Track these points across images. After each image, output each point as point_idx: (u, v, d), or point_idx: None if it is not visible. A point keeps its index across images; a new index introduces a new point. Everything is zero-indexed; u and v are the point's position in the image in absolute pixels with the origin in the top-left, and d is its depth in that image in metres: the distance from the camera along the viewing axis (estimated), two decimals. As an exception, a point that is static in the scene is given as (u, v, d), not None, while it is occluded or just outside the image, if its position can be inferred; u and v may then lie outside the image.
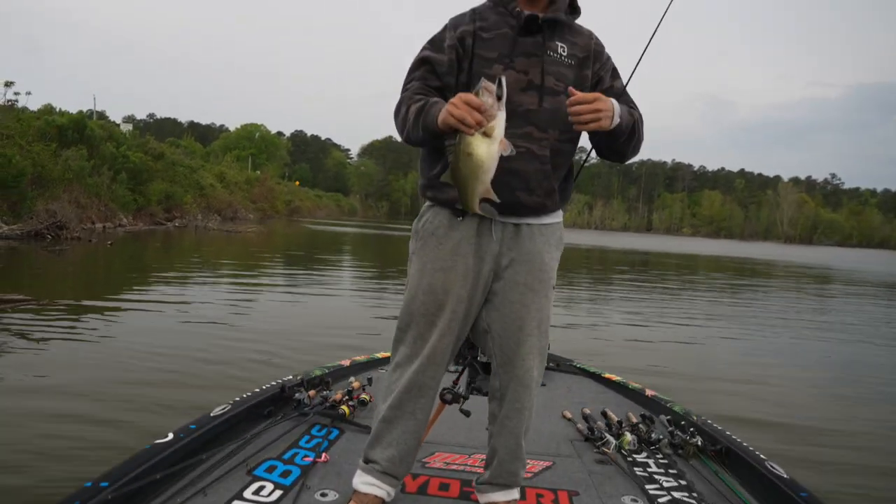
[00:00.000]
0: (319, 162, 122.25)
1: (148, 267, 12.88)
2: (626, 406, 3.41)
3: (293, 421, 2.75)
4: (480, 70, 1.84)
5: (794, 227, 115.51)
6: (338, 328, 7.49)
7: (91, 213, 20.20)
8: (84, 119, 23.48)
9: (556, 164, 1.93)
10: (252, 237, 24.33)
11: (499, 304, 1.95)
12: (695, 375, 6.23)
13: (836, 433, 4.76)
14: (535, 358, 1.97)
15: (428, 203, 2.01)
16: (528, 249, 1.94)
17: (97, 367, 5.04)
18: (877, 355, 8.29)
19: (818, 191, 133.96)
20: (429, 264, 1.93)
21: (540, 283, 1.95)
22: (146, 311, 7.79)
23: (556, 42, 1.90)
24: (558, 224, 2.03)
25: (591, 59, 1.96)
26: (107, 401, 4.24)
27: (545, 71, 1.86)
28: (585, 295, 12.70)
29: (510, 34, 1.88)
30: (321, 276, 13.33)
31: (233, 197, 42.46)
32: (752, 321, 10.35)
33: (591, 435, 2.85)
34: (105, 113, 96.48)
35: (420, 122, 1.77)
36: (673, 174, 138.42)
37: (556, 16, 1.89)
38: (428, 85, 1.89)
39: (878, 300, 16.78)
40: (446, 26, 1.94)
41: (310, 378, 3.21)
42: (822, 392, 6.14)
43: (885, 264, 40.74)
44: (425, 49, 1.94)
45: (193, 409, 4.00)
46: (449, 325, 1.92)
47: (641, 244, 47.37)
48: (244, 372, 5.15)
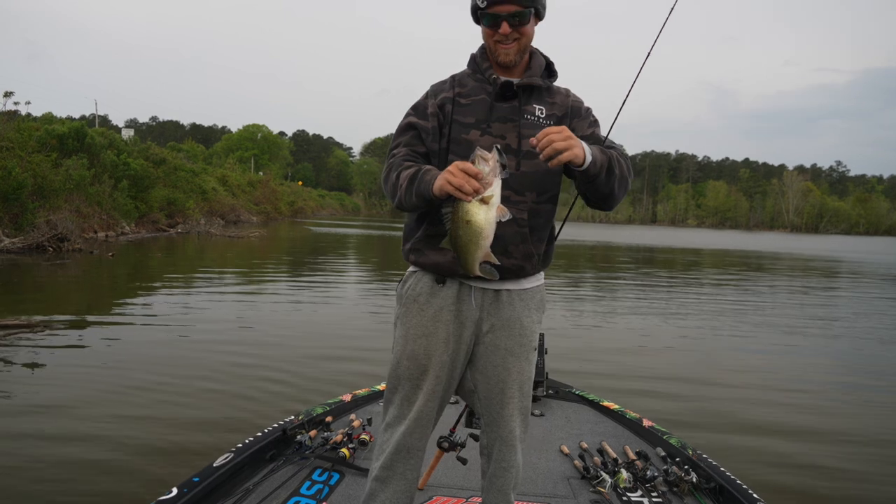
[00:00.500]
0: (322, 161, 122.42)
1: (149, 279, 12.82)
2: (623, 438, 3.44)
3: (295, 466, 2.81)
4: (458, 136, 1.92)
5: (800, 216, 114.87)
6: (343, 338, 7.45)
7: (93, 222, 20.18)
8: (84, 127, 23.43)
9: (534, 227, 1.97)
10: (255, 242, 24.28)
11: (482, 367, 2.02)
12: (700, 379, 6.15)
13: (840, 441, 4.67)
14: (517, 418, 2.04)
15: (411, 268, 2.07)
16: (507, 315, 1.99)
17: (95, 401, 4.95)
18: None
19: (824, 179, 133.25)
20: (412, 330, 1.99)
21: (520, 346, 2.01)
22: (148, 327, 7.73)
23: (534, 105, 1.97)
24: (539, 287, 2.08)
25: (570, 115, 2.01)
26: (106, 442, 4.14)
27: (521, 135, 1.91)
28: (590, 296, 12.59)
29: (487, 100, 1.94)
30: (325, 283, 13.24)
31: (235, 200, 42.46)
32: (763, 326, 10.21)
33: (586, 473, 2.89)
34: (108, 117, 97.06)
35: (414, 189, 1.79)
36: (677, 165, 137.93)
37: (532, 81, 1.95)
38: (415, 151, 1.95)
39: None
40: (428, 93, 2.02)
41: (311, 418, 3.27)
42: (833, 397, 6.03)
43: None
44: (410, 115, 2.00)
45: (197, 448, 4.04)
46: (434, 389, 1.99)
47: (646, 238, 47.22)
48: (249, 399, 5.09)
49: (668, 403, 5.60)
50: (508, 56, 1.92)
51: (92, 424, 4.42)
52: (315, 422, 3.26)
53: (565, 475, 2.95)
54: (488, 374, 2.00)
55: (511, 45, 1.91)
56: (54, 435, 4.20)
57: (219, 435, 4.27)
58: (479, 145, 1.82)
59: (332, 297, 11.27)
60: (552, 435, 3.43)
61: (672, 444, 3.22)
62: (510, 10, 1.85)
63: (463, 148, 1.90)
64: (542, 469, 2.99)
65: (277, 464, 2.82)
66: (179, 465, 3.72)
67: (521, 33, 1.90)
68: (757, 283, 17.67)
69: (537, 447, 3.24)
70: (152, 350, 6.60)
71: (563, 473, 2.97)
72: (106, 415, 4.63)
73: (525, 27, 1.89)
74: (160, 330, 7.63)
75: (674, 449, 3.17)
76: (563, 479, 2.90)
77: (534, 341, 2.05)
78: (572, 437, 3.40)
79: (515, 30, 1.88)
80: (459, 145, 1.92)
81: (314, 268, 16.54)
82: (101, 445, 4.07)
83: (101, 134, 25.79)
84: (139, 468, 3.74)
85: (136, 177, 24.33)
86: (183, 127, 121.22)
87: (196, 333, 7.48)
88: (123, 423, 4.47)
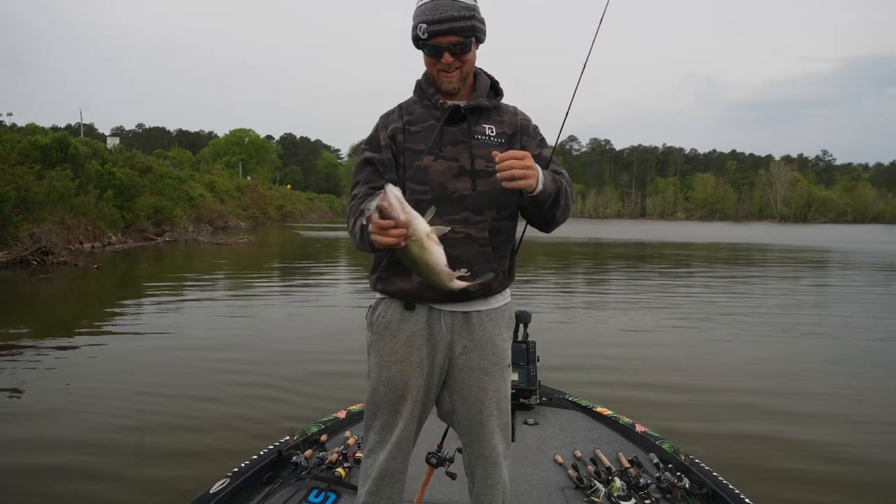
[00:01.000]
0: (310, 164, 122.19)
1: (136, 291, 12.68)
2: (616, 444, 3.48)
3: (292, 487, 2.84)
4: (412, 163, 1.95)
5: (788, 206, 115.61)
6: (335, 349, 7.38)
7: (78, 233, 19.98)
8: (67, 138, 23.22)
9: (496, 244, 1.99)
10: (243, 249, 24.12)
11: (458, 388, 2.04)
12: (693, 379, 6.12)
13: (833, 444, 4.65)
14: (497, 435, 2.06)
15: (379, 296, 2.08)
16: (479, 336, 2.01)
17: (80, 421, 4.85)
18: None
19: (810, 168, 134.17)
20: (386, 357, 2.02)
21: (494, 365, 2.03)
22: (135, 342, 7.65)
23: (483, 125, 1.99)
24: (507, 305, 2.11)
25: (519, 133, 2.04)
26: (93, 467, 4.04)
27: (474, 155, 1.94)
28: (581, 295, 12.57)
29: (436, 125, 1.96)
30: (316, 291, 13.15)
31: (223, 206, 42.24)
32: (753, 320, 10.21)
33: (580, 483, 2.93)
34: (93, 125, 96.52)
35: (366, 240, 1.82)
36: (665, 158, 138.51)
37: (479, 102, 1.98)
38: (373, 188, 1.95)
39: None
40: (378, 126, 2.04)
41: (306, 437, 3.29)
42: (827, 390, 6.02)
43: (886, 242, 40.50)
44: (365, 150, 2.03)
45: (191, 471, 3.99)
46: (412, 413, 2.02)
47: (636, 233, 47.32)
48: (242, 416, 5.01)
49: (661, 403, 5.57)
50: (451, 84, 1.96)
51: (77, 447, 4.32)
52: (310, 441, 3.28)
53: (559, 485, 2.98)
54: (465, 394, 2.03)
55: (453, 73, 1.94)
56: (36, 458, 4.10)
57: (213, 455, 4.21)
58: (433, 170, 1.92)
59: (322, 305, 11.20)
60: (546, 444, 3.46)
61: (665, 450, 3.25)
62: (451, 40, 1.88)
63: (418, 175, 1.94)
64: (536, 480, 3.03)
65: (274, 486, 2.84)
66: (174, 489, 3.66)
67: (462, 61, 1.93)
68: (749, 277, 17.72)
69: (532, 457, 3.27)
70: (140, 366, 6.51)
71: (558, 484, 3.00)
72: (92, 436, 4.53)
73: (467, 55, 1.93)
74: (148, 344, 7.55)
75: (666, 454, 3.21)
76: (558, 490, 2.94)
77: (507, 359, 2.08)
78: (566, 446, 3.43)
79: (457, 59, 1.92)
80: (415, 172, 1.95)
81: (304, 274, 16.44)
82: (88, 471, 3.97)
83: (85, 143, 25.57)
84: (130, 495, 3.67)
85: (121, 186, 24.13)
86: (169, 133, 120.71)
87: (185, 347, 7.39)
88: (112, 445, 4.38)
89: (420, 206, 1.74)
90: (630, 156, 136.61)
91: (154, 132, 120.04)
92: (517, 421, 3.67)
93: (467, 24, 1.87)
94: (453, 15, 1.85)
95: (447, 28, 1.85)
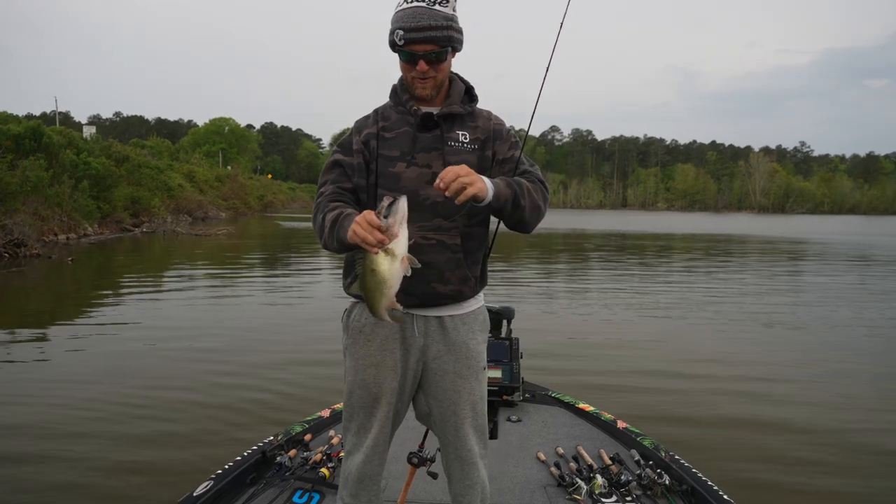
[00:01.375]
0: (291, 153, 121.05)
1: (111, 285, 12.44)
2: (598, 441, 3.52)
3: (276, 488, 2.85)
4: (385, 169, 1.96)
5: (767, 196, 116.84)
6: (317, 343, 7.27)
7: (52, 225, 19.59)
8: (41, 127, 22.71)
9: (468, 250, 2.01)
10: (223, 240, 23.81)
11: (433, 392, 2.07)
12: (672, 371, 6.10)
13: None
14: (473, 437, 2.09)
15: (354, 299, 2.10)
16: (452, 340, 2.03)
17: (57, 421, 4.69)
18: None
19: (789, 159, 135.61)
20: (361, 360, 2.04)
21: (468, 368, 2.05)
22: (111, 338, 7.48)
23: (457, 132, 2.00)
24: (480, 308, 2.13)
25: (492, 138, 2.04)
26: (71, 469, 3.91)
27: (446, 162, 1.93)
28: (563, 287, 12.54)
29: (410, 132, 1.97)
30: (298, 285, 12.99)
31: (203, 196, 41.71)
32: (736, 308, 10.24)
33: (562, 481, 2.98)
34: (70, 114, 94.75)
35: (335, 234, 1.83)
36: (646, 149, 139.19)
37: (452, 110, 1.99)
38: (341, 188, 1.99)
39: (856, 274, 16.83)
40: (352, 130, 2.05)
41: (290, 437, 3.31)
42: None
43: (863, 234, 41.03)
44: (336, 152, 2.04)
45: (175, 469, 3.94)
46: (387, 416, 2.06)
47: (617, 224, 47.53)
48: (221, 417, 4.89)
49: (641, 396, 5.58)
50: (425, 91, 1.96)
51: (54, 449, 4.18)
52: (294, 441, 3.29)
53: (542, 483, 3.01)
54: (440, 398, 2.06)
55: (427, 80, 1.94)
56: (11, 458, 3.98)
57: (196, 451, 4.16)
58: (406, 177, 1.93)
59: (305, 298, 11.06)
60: (529, 441, 3.49)
61: (646, 447, 3.30)
62: (427, 48, 1.88)
63: (390, 181, 1.95)
64: (519, 478, 3.06)
65: (258, 487, 2.84)
66: (157, 489, 3.61)
67: (437, 70, 1.93)
68: (727, 269, 17.82)
69: (514, 455, 3.31)
70: (117, 363, 6.35)
71: (540, 482, 3.03)
72: (70, 437, 4.40)
73: (442, 64, 1.93)
74: (124, 341, 7.38)
75: (647, 451, 3.26)
76: (540, 488, 2.96)
77: (482, 361, 2.10)
78: (548, 443, 3.46)
79: (432, 67, 1.91)
80: (387, 179, 1.96)
81: (285, 266, 16.27)
82: (66, 473, 3.85)
83: (59, 133, 25.02)
84: (110, 495, 3.60)
85: (97, 176, 23.68)
86: (148, 122, 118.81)
87: (163, 344, 7.23)
88: (90, 445, 4.26)
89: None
90: (612, 146, 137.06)
91: (132, 121, 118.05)
92: (500, 418, 3.72)
93: (444, 33, 1.86)
94: (430, 24, 1.84)
95: (423, 37, 1.85)
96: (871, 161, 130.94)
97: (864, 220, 72.33)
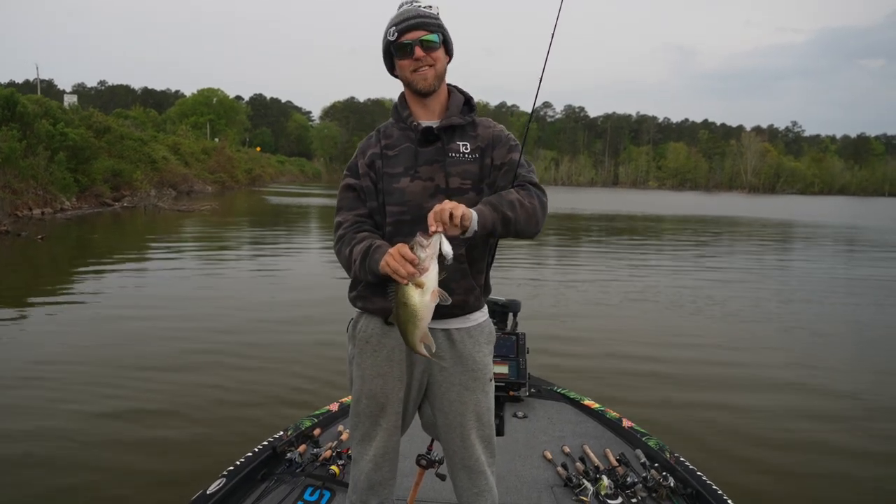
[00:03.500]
0: (281, 126, 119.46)
1: (81, 264, 11.83)
2: (604, 440, 3.54)
3: (287, 485, 2.89)
4: (389, 186, 2.00)
5: (758, 176, 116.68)
6: (318, 332, 6.96)
7: (27, 199, 18.86)
8: (15, 95, 21.82)
9: (472, 259, 2.06)
10: (207, 215, 23.15)
11: (438, 403, 2.10)
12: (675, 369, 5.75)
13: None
14: (479, 446, 2.12)
15: (358, 310, 2.13)
16: (459, 352, 2.06)
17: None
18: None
19: (780, 139, 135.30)
20: (367, 371, 2.08)
21: (474, 381, 2.08)
22: (89, 321, 7.03)
23: (457, 143, 2.04)
24: (485, 321, 2.16)
25: (491, 145, 2.06)
26: (82, 469, 3.78)
27: (448, 173, 2.00)
28: (558, 273, 12.10)
29: (412, 147, 2.02)
30: (289, 268, 12.47)
31: (188, 169, 40.82)
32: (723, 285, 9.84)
33: (569, 482, 3.00)
34: (53, 82, 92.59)
35: (366, 266, 1.90)
36: (638, 127, 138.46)
37: (451, 122, 2.03)
38: (359, 216, 2.05)
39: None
40: (357, 153, 2.11)
41: (299, 432, 3.33)
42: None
43: (856, 216, 40.83)
44: (347, 176, 2.11)
45: (185, 468, 3.84)
46: (394, 425, 2.10)
47: (608, 203, 47.15)
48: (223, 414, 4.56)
49: (645, 391, 5.51)
50: (427, 80, 2.00)
51: (67, 464, 3.92)
52: (303, 436, 3.32)
53: (549, 483, 3.06)
54: (445, 409, 2.09)
55: (426, 70, 1.99)
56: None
57: (207, 448, 4.15)
58: (410, 191, 1.97)
59: (300, 285, 10.54)
60: (535, 439, 3.52)
61: (651, 447, 3.32)
62: (420, 34, 1.96)
63: (396, 198, 2.00)
64: (526, 478, 3.10)
65: (269, 484, 2.89)
66: (166, 489, 3.60)
67: (433, 59, 1.99)
68: (722, 252, 17.45)
69: (521, 453, 3.34)
70: (101, 350, 6.04)
71: (547, 481, 3.07)
72: (79, 434, 4.25)
73: (436, 52, 1.99)
74: (103, 325, 6.97)
75: (652, 451, 3.29)
76: (547, 488, 3.01)
77: (488, 373, 2.13)
78: (555, 441, 3.49)
79: (428, 55, 1.98)
80: (393, 195, 2.00)
81: (274, 248, 15.68)
82: (73, 477, 3.73)
83: (35, 102, 24.12)
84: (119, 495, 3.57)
85: (75, 147, 22.86)
86: (134, 91, 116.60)
87: (147, 329, 6.87)
88: (97, 448, 4.12)
89: (399, 226, 1.97)
90: (604, 123, 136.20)
91: (118, 90, 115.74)
92: (507, 414, 3.68)
93: (433, 20, 1.97)
94: (419, 13, 1.97)
95: (414, 23, 1.95)
96: (861, 142, 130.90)
97: (859, 202, 72.25)
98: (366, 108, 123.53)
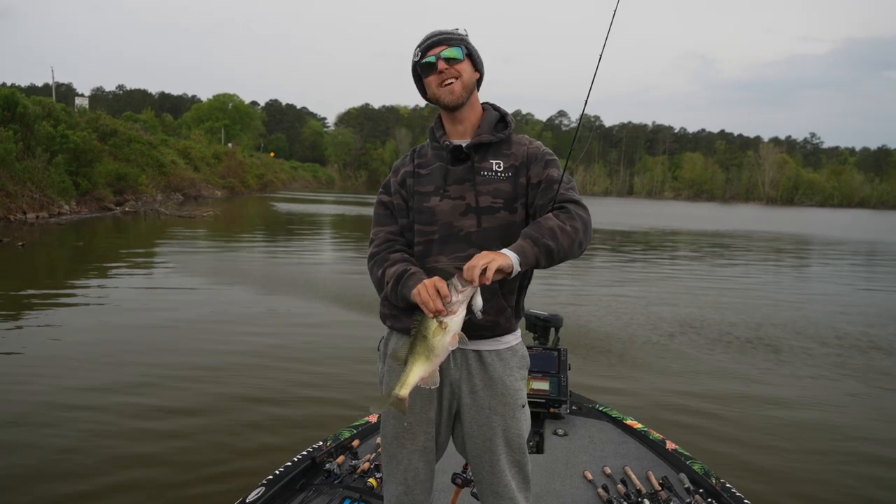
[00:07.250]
0: (295, 131, 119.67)
1: (58, 275, 11.14)
2: (646, 461, 3.40)
3: (325, 496, 2.88)
4: (420, 205, 2.04)
5: (776, 188, 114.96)
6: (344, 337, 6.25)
7: (21, 202, 18.30)
8: (15, 95, 21.35)
9: (503, 279, 1.96)
10: (209, 222, 22.52)
11: (468, 426, 2.05)
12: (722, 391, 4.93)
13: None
14: (509, 472, 2.05)
15: (389, 329, 2.14)
16: (489, 376, 2.02)
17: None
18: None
19: (798, 151, 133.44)
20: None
21: (504, 406, 2.03)
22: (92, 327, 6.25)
23: (490, 161, 2.03)
24: (518, 345, 2.11)
25: (526, 163, 2.04)
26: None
27: (478, 192, 2.00)
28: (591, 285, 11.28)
29: (443, 166, 2.05)
30: (288, 280, 11.74)
31: (197, 174, 40.40)
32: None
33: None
34: (72, 86, 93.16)
35: (398, 291, 1.93)
36: (654, 136, 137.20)
37: (481, 139, 2.03)
38: (391, 234, 2.09)
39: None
40: (392, 172, 2.17)
41: (339, 443, 3.30)
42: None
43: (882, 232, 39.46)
44: (381, 193, 2.17)
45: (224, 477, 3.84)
46: (423, 446, 2.06)
47: (623, 216, 46.20)
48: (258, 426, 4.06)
49: (690, 416, 5.30)
50: (454, 94, 2.00)
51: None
52: (342, 447, 3.30)
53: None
54: (474, 432, 2.04)
55: (451, 84, 1.99)
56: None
57: (245, 457, 4.17)
58: (440, 210, 1.99)
59: (334, 294, 9.80)
60: (576, 458, 3.42)
61: (696, 471, 3.19)
62: (440, 49, 1.98)
63: (426, 217, 2.01)
64: (566, 498, 3.02)
65: (308, 494, 2.90)
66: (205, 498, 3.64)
67: (458, 71, 1.99)
68: (753, 269, 16.51)
69: (561, 472, 3.25)
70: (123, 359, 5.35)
71: (588, 502, 2.99)
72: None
73: (460, 65, 1.99)
74: (114, 323, 6.12)
75: (697, 476, 3.15)
76: None
77: (520, 399, 2.06)
78: (595, 461, 3.39)
79: (452, 67, 1.98)
80: (422, 214, 2.02)
81: (288, 248, 14.95)
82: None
83: (36, 103, 23.65)
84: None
85: (76, 150, 22.34)
86: (151, 96, 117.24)
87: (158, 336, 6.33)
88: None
89: (429, 245, 2.00)
90: (619, 133, 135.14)
91: (135, 94, 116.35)
92: (546, 431, 3.62)
93: (455, 36, 2.00)
94: (441, 31, 2.01)
95: (436, 41, 1.99)
96: (882, 154, 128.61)
97: (883, 216, 70.31)
98: (380, 114, 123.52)
